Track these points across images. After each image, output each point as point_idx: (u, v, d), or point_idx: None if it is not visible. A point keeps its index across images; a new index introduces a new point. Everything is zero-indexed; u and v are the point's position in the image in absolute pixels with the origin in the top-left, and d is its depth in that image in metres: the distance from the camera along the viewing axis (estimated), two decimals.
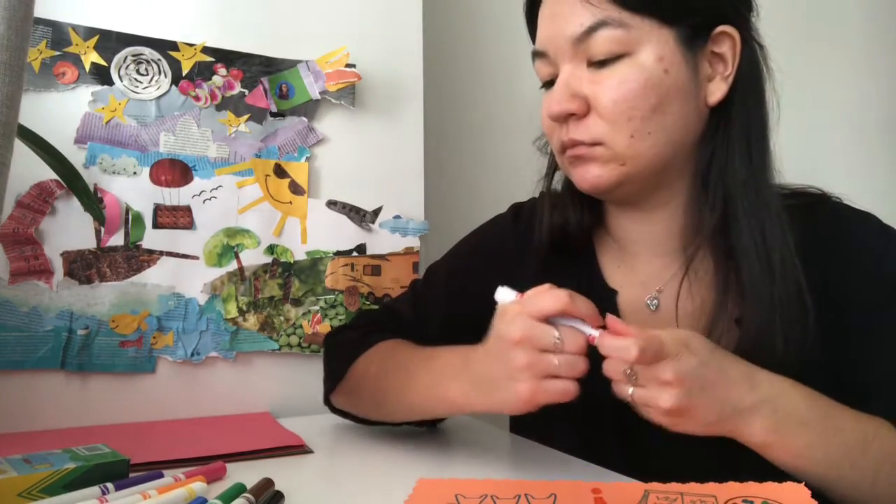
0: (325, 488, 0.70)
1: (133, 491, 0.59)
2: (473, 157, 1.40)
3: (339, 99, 1.05)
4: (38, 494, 0.58)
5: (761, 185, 0.71)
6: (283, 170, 1.02)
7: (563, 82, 0.71)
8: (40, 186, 0.88)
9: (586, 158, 0.72)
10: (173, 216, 0.95)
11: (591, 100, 0.70)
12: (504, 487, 0.60)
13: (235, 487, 0.60)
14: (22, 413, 0.87)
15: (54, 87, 0.90)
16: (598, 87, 0.69)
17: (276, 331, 1.01)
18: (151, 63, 0.95)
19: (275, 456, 0.78)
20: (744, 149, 0.71)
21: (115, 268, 0.92)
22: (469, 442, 0.87)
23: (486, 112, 1.41)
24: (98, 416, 0.90)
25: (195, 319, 0.96)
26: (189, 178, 0.96)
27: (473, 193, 1.36)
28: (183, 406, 0.95)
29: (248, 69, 1.00)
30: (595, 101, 0.70)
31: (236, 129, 0.99)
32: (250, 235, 1.00)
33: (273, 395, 1.00)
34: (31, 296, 0.88)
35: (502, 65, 1.41)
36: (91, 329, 0.90)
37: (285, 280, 1.01)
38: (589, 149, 0.71)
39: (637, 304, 0.79)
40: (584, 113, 0.70)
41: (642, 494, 0.58)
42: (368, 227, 1.07)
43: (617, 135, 0.69)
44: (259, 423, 0.93)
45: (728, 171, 0.71)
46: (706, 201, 0.72)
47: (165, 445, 0.80)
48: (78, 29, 0.91)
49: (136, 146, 0.94)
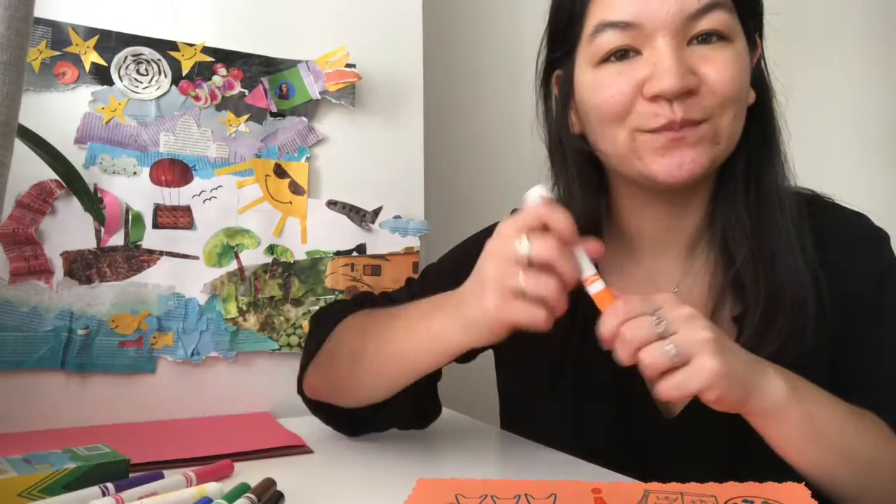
0: (325, 488, 0.70)
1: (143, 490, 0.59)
2: (474, 156, 1.40)
3: (339, 99, 1.05)
4: (38, 494, 0.58)
5: (783, 188, 0.73)
6: (283, 170, 1.02)
7: (677, 58, 0.66)
8: (40, 186, 0.88)
9: (688, 141, 0.68)
10: (173, 216, 0.95)
11: (703, 74, 0.67)
12: (504, 487, 0.60)
13: (239, 487, 0.60)
14: (22, 413, 0.87)
15: (54, 87, 0.90)
16: (710, 65, 0.67)
17: (276, 331, 1.01)
18: (151, 63, 0.95)
19: (275, 456, 0.78)
20: (773, 151, 0.73)
21: (115, 268, 0.92)
22: (469, 442, 0.87)
23: (486, 111, 1.41)
24: (98, 416, 0.90)
25: (195, 319, 0.96)
26: (189, 178, 0.96)
27: (473, 193, 1.36)
28: (183, 406, 0.95)
29: (248, 69, 1.00)
30: (708, 77, 0.67)
31: (236, 129, 0.99)
32: (250, 235, 1.00)
33: (273, 395, 1.00)
34: (31, 296, 0.88)
35: (503, 64, 1.41)
36: (91, 329, 0.90)
37: (285, 280, 1.01)
38: (695, 128, 0.68)
39: None
40: (697, 89, 0.67)
41: (642, 494, 0.57)
42: (368, 227, 1.07)
43: (724, 113, 0.68)
44: (259, 423, 0.93)
45: (763, 177, 0.72)
46: (743, 202, 0.73)
47: (165, 445, 0.80)
48: (78, 29, 0.91)
49: (136, 146, 0.94)
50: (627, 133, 0.70)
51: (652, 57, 0.67)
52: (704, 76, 0.67)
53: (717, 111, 0.68)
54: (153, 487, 0.60)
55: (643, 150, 0.70)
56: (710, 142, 0.69)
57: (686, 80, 0.66)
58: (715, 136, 0.69)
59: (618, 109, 0.69)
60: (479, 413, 0.98)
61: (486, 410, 0.94)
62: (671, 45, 0.67)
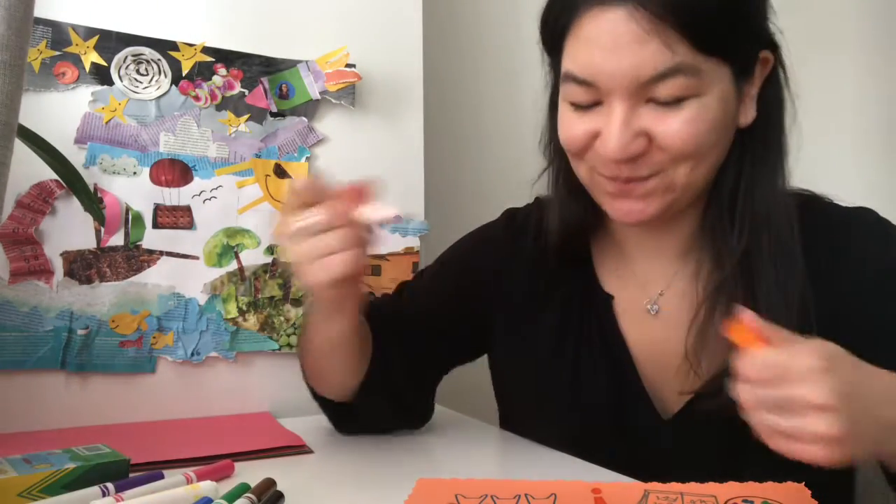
0: (325, 488, 0.70)
1: (143, 490, 0.59)
2: (474, 156, 1.40)
3: (339, 99, 1.05)
4: (38, 494, 0.58)
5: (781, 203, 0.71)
6: (283, 170, 1.02)
7: (624, 122, 0.65)
8: (40, 186, 0.88)
9: (636, 194, 0.69)
10: (173, 216, 0.95)
11: (655, 136, 0.66)
12: (504, 487, 0.60)
13: (239, 487, 0.60)
14: (22, 413, 0.86)
15: (54, 87, 0.90)
16: (663, 125, 0.65)
17: (276, 331, 1.01)
18: (151, 63, 0.95)
19: (275, 456, 0.78)
20: (769, 169, 0.71)
21: (115, 268, 0.92)
22: (468, 442, 0.87)
23: (486, 111, 1.41)
24: (98, 416, 0.90)
25: (195, 319, 0.96)
26: (189, 178, 0.96)
27: (473, 193, 1.36)
28: (183, 406, 0.95)
29: (248, 69, 1.00)
30: (660, 138, 0.66)
31: (236, 129, 0.99)
32: (250, 235, 1.00)
33: (273, 395, 1.00)
34: (31, 296, 0.88)
35: (503, 64, 1.41)
36: (91, 329, 0.90)
37: (285, 280, 1.01)
38: (643, 183, 0.68)
39: (636, 309, 0.78)
40: (645, 151, 0.67)
41: (642, 494, 0.58)
42: None
43: (678, 167, 0.67)
44: (259, 423, 0.93)
45: (756, 195, 0.71)
46: (732, 225, 0.71)
47: (165, 445, 0.80)
48: (78, 29, 0.91)
49: (136, 146, 0.94)
50: (587, 169, 0.72)
51: (606, 115, 0.67)
52: (656, 136, 0.66)
53: (669, 166, 0.67)
54: (153, 487, 0.60)
55: (598, 190, 0.72)
56: (661, 193, 0.69)
57: (630, 149, 0.66)
58: (668, 188, 0.68)
59: (575, 150, 0.71)
60: (479, 412, 0.98)
61: (486, 410, 0.94)
62: (623, 107, 0.65)
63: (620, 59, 0.64)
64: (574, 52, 0.68)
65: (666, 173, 0.68)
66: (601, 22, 0.64)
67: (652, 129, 0.66)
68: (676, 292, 0.77)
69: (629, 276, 0.80)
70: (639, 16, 0.62)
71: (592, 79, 0.66)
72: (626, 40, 0.63)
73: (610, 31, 0.64)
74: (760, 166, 0.71)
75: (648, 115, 0.66)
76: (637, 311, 0.78)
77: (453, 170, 1.36)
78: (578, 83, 0.67)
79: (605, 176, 0.69)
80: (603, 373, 0.77)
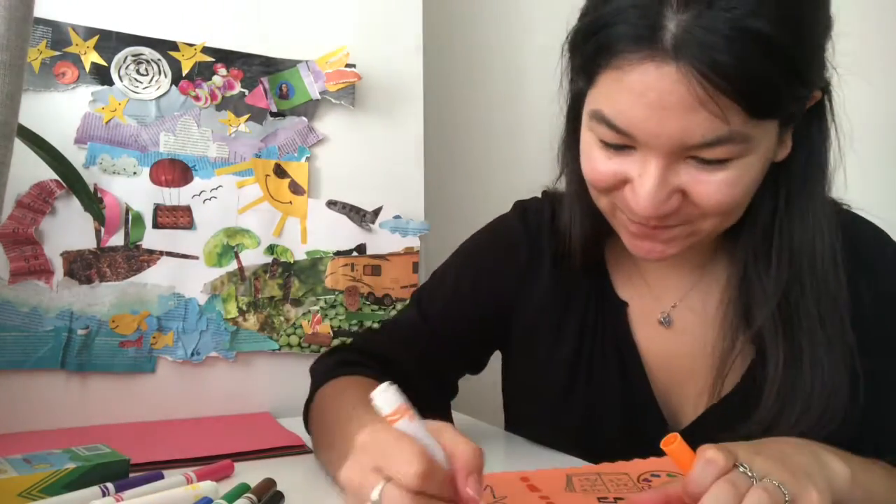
0: (325, 488, 0.70)
1: (143, 490, 0.59)
2: (473, 156, 1.40)
3: (339, 99, 1.05)
4: (38, 494, 0.58)
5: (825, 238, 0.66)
6: (283, 170, 1.02)
7: (660, 180, 0.60)
8: (40, 186, 0.88)
9: (660, 238, 0.65)
10: (173, 216, 0.95)
11: (690, 194, 0.61)
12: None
13: (239, 487, 0.60)
14: (22, 413, 0.86)
15: (54, 87, 0.90)
16: (701, 185, 0.61)
17: (276, 331, 1.01)
18: (151, 63, 0.95)
19: (275, 456, 0.78)
20: (811, 202, 0.67)
21: (115, 268, 0.92)
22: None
23: (486, 111, 1.41)
24: (98, 416, 0.90)
25: (195, 319, 0.96)
26: (189, 178, 0.96)
27: (474, 193, 1.36)
28: (183, 406, 0.95)
29: (248, 69, 1.00)
30: (695, 196, 0.61)
31: (236, 129, 0.99)
32: (250, 235, 1.00)
33: (273, 395, 1.00)
34: (31, 296, 0.88)
35: (503, 64, 1.41)
36: (91, 329, 0.90)
37: (285, 280, 1.01)
38: (668, 229, 0.64)
39: (649, 318, 0.77)
40: (676, 210, 0.62)
41: (566, 479, 0.61)
42: (368, 227, 1.07)
43: (707, 220, 0.64)
44: (259, 423, 0.93)
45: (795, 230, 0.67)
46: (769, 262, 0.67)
47: (165, 445, 0.80)
48: (78, 29, 0.91)
49: (136, 146, 0.94)
50: (608, 202, 0.68)
51: (640, 164, 0.61)
52: (691, 194, 0.61)
53: (697, 219, 0.64)
54: (153, 487, 0.60)
55: (619, 224, 0.68)
56: (685, 237, 0.66)
57: (663, 209, 0.62)
58: (693, 234, 0.66)
59: (600, 187, 0.66)
60: (483, 414, 0.98)
61: (490, 412, 0.94)
62: (660, 164, 0.60)
63: (666, 122, 0.58)
64: (611, 94, 0.60)
65: (693, 224, 0.64)
66: (648, 74, 0.57)
67: (688, 188, 0.61)
68: (690, 306, 0.76)
69: (643, 285, 0.78)
70: (692, 79, 0.55)
71: (629, 132, 0.60)
72: (675, 103, 0.57)
73: (657, 89, 0.57)
74: (800, 200, 0.67)
75: (687, 173, 0.61)
76: (650, 321, 0.77)
77: (453, 170, 1.36)
78: (611, 127, 0.61)
79: (629, 218, 0.66)
80: (615, 379, 0.77)
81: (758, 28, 0.54)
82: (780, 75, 0.57)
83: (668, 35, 0.55)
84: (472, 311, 0.83)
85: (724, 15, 0.54)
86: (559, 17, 0.68)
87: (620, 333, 0.77)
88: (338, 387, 0.76)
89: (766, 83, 0.56)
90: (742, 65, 0.55)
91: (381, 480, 0.45)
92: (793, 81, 0.58)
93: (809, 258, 0.66)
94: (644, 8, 0.57)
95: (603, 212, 0.70)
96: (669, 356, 0.76)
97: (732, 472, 0.49)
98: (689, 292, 0.76)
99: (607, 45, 0.59)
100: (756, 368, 0.70)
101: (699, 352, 0.74)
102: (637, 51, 0.57)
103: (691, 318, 0.76)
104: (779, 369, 0.66)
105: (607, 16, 0.59)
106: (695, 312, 0.75)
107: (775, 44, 0.55)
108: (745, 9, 0.54)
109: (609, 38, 0.58)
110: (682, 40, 0.55)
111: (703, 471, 0.49)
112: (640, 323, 0.77)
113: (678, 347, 0.75)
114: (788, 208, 0.67)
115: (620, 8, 0.58)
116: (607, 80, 0.60)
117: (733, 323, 0.71)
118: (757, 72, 0.55)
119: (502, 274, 0.82)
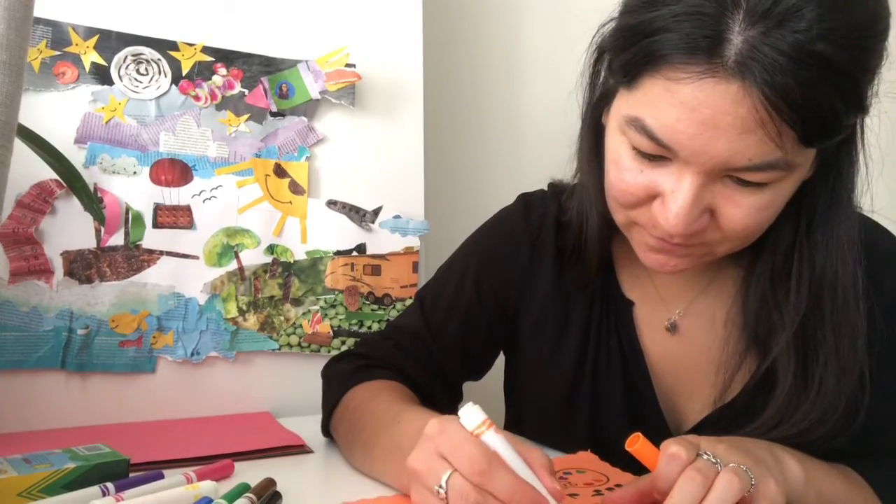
0: (325, 488, 0.70)
1: (143, 490, 0.59)
2: (473, 156, 1.40)
3: (339, 99, 1.05)
4: (38, 494, 0.58)
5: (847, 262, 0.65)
6: (283, 170, 1.02)
7: (695, 199, 0.57)
8: (40, 186, 0.88)
9: (676, 253, 0.64)
10: (173, 216, 0.95)
11: (719, 214, 0.60)
12: None
13: (239, 487, 0.60)
14: (22, 413, 0.87)
15: (54, 87, 0.90)
16: (732, 207, 0.59)
17: (276, 331, 1.01)
18: (151, 63, 0.95)
19: (275, 456, 0.78)
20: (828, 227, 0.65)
21: (115, 267, 0.92)
22: None
23: (486, 111, 1.41)
24: (98, 416, 0.90)
25: (195, 319, 0.96)
26: (189, 178, 0.96)
27: (474, 193, 1.36)
28: (183, 406, 0.95)
29: (248, 69, 1.00)
30: (721, 218, 0.60)
31: (236, 128, 0.99)
32: (250, 235, 1.00)
33: (273, 395, 1.00)
34: (31, 296, 0.88)
35: (503, 64, 1.41)
36: (91, 329, 0.90)
37: (285, 280, 1.01)
38: (685, 247, 0.63)
39: (655, 322, 0.77)
40: (703, 229, 0.60)
41: None
42: (368, 227, 1.07)
43: (725, 243, 0.63)
44: (259, 423, 0.93)
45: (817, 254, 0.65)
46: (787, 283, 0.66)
47: (165, 445, 0.80)
48: (78, 29, 0.91)
49: (136, 146, 0.94)
50: (625, 215, 0.66)
51: (675, 179, 0.58)
52: (719, 214, 0.60)
53: (717, 242, 0.63)
54: (153, 487, 0.60)
55: (634, 236, 0.67)
56: (700, 255, 0.65)
57: (692, 227, 0.59)
58: (709, 253, 0.65)
59: (627, 202, 0.63)
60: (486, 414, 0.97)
61: (492, 412, 0.94)
62: (697, 182, 0.57)
63: (715, 141, 0.54)
64: (657, 104, 0.56)
65: (711, 245, 0.63)
66: (704, 90, 0.53)
67: (719, 209, 0.59)
68: (696, 313, 0.75)
69: (649, 286, 0.78)
70: (755, 100, 0.52)
71: (672, 146, 0.57)
72: (730, 123, 0.54)
73: (712, 106, 0.53)
74: (824, 224, 0.65)
75: (720, 192, 0.59)
76: (655, 324, 0.77)
77: (453, 170, 1.36)
78: (651, 138, 0.58)
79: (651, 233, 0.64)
80: (619, 379, 0.76)
81: (827, 54, 0.51)
82: (841, 105, 0.54)
83: (732, 50, 0.52)
84: (477, 316, 0.83)
85: (794, 36, 0.51)
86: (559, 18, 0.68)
87: (625, 334, 0.77)
88: (370, 389, 0.76)
89: (827, 111, 0.53)
90: (807, 90, 0.52)
91: (448, 469, 0.50)
92: (850, 111, 0.56)
93: (831, 285, 0.65)
94: (707, 17, 0.52)
95: (619, 224, 0.68)
96: (672, 361, 0.76)
97: (697, 460, 0.51)
98: (697, 297, 0.76)
99: (658, 51, 0.55)
100: (760, 380, 0.69)
101: (704, 358, 0.74)
102: (693, 63, 0.53)
103: (698, 324, 0.75)
104: (785, 392, 0.66)
105: (660, 19, 0.55)
106: (702, 319, 0.75)
107: (843, 72, 0.52)
108: (816, 31, 0.51)
109: (661, 44, 0.54)
110: (748, 57, 0.52)
111: (669, 465, 0.51)
112: (646, 325, 0.77)
113: (681, 353, 0.75)
114: (811, 233, 0.65)
115: (676, 12, 0.54)
116: (654, 87, 0.56)
117: (742, 336, 0.71)
118: (820, 99, 0.52)
119: (504, 275, 0.82)
